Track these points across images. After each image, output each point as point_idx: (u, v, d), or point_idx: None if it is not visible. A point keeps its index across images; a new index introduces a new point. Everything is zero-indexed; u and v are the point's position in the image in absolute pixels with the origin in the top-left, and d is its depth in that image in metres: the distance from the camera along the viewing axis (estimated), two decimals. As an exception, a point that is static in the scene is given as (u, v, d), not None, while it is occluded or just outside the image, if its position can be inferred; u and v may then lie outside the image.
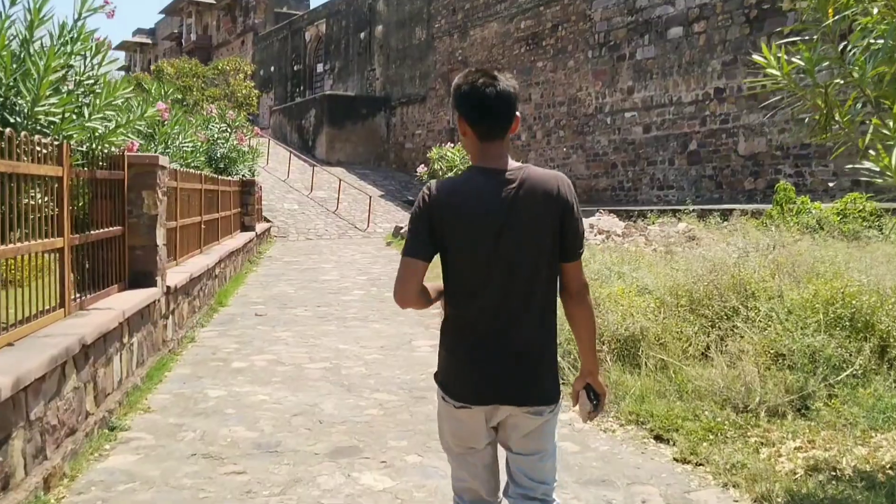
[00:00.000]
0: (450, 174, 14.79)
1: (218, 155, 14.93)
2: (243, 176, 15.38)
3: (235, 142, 15.35)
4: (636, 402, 4.73)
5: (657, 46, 19.76)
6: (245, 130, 15.87)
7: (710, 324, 5.50)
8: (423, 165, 15.10)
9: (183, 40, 51.95)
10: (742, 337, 5.09)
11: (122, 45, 64.49)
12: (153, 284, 6.12)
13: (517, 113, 2.21)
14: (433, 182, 2.22)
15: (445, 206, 2.15)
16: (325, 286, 11.58)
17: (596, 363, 2.34)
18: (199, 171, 10.49)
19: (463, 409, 2.24)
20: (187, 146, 10.34)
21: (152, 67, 25.68)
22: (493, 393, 2.21)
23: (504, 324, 2.18)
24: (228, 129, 15.38)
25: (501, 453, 2.40)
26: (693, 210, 14.81)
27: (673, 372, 5.00)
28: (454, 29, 28.22)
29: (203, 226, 10.49)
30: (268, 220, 22.56)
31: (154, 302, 6.08)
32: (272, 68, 42.59)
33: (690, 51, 18.83)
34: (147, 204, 6.10)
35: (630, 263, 7.77)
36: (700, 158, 18.66)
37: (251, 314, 8.95)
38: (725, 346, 5.12)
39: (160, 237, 6.31)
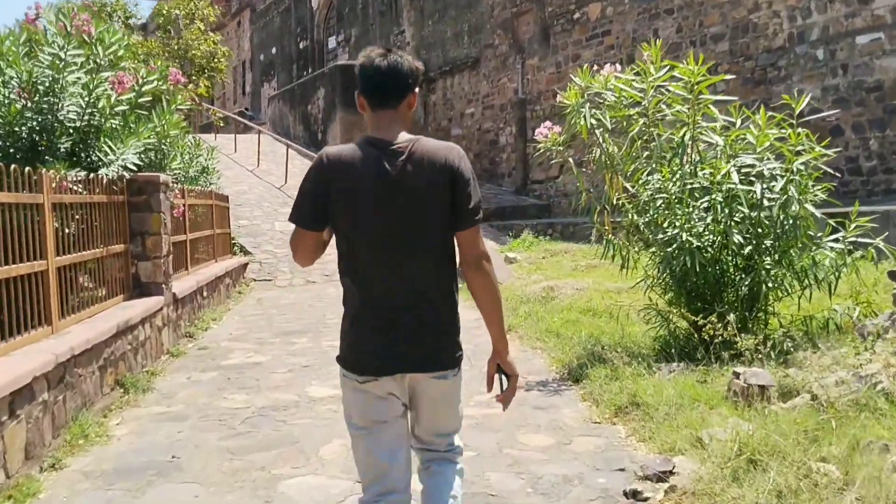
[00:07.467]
0: (609, 140, 5.94)
1: (69, 124, 6.23)
2: (125, 169, 6.50)
3: (110, 90, 6.62)
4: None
5: None
6: (134, 65, 7.12)
7: None
8: (546, 124, 6.27)
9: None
10: None
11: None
12: None
13: (415, 89, 2.23)
14: (327, 148, 2.19)
15: (336, 177, 2.12)
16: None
17: (503, 341, 2.26)
18: None
19: (369, 383, 2.18)
20: None
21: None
22: (397, 362, 2.17)
23: (400, 296, 2.15)
24: (92, 63, 6.69)
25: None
26: None
27: None
28: (519, -45, 19.20)
29: None
30: (246, 252, 13.98)
31: None
32: (273, 50, 33.93)
33: None
34: None
35: None
36: None
37: None
38: None
39: None
